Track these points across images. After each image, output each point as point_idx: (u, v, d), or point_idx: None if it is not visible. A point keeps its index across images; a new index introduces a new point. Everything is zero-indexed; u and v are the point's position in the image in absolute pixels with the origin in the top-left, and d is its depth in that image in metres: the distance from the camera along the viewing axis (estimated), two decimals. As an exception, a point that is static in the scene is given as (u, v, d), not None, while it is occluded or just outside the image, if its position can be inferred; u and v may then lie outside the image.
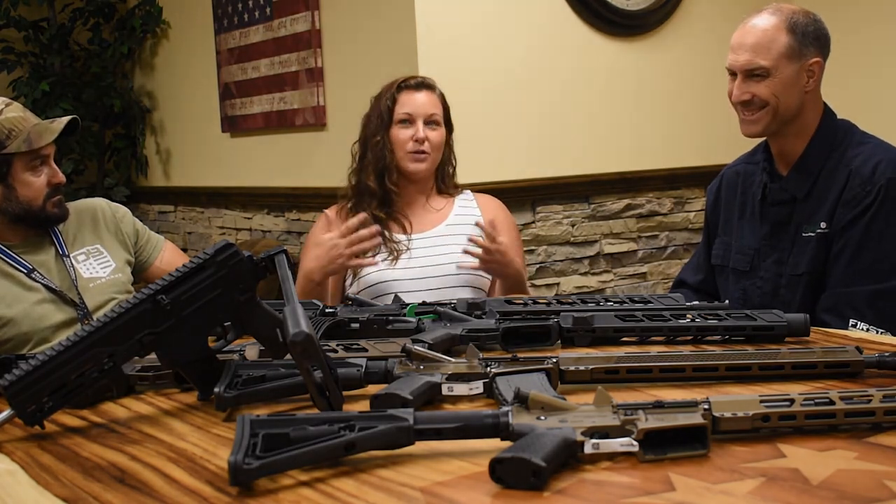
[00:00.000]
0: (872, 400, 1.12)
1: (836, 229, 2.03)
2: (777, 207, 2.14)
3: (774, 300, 2.11)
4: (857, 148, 2.07)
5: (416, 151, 2.40)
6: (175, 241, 4.48)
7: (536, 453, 1.00)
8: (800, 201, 2.09)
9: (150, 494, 1.05)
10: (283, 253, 1.39)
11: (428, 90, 2.44)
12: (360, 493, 1.01)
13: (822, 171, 2.08)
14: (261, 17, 3.92)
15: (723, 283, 2.27)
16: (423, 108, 2.41)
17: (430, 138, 2.40)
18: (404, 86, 2.44)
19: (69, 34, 4.76)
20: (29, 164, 2.15)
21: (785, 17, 2.06)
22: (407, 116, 2.41)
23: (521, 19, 3.41)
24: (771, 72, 2.05)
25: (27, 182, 2.15)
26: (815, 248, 2.05)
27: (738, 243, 2.22)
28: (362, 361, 1.40)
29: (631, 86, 3.65)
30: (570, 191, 3.55)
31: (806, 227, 2.07)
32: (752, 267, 2.18)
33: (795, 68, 2.05)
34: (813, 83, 2.07)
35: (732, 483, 0.98)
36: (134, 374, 1.51)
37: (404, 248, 2.39)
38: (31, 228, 2.22)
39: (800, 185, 2.09)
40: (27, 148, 2.12)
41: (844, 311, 1.98)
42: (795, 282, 2.08)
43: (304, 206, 3.80)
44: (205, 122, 4.41)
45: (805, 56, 2.05)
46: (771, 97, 2.05)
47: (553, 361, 1.35)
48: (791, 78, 2.05)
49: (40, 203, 2.17)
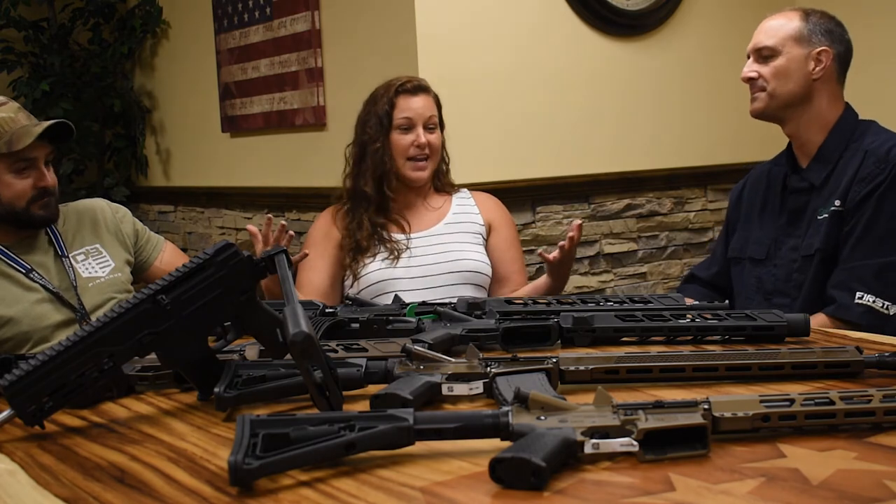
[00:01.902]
0: (872, 400, 1.12)
1: (850, 207, 2.07)
2: (795, 195, 2.20)
3: (787, 285, 2.15)
4: (874, 136, 2.14)
5: (417, 158, 2.39)
6: (175, 241, 4.48)
7: (536, 453, 1.00)
8: (816, 189, 2.15)
9: (150, 494, 1.05)
10: (283, 253, 1.39)
11: (425, 93, 2.43)
12: (360, 493, 1.01)
13: (839, 161, 2.14)
14: (261, 17, 3.92)
15: (737, 274, 2.30)
16: (422, 113, 2.40)
17: (430, 142, 2.40)
18: (401, 90, 2.42)
19: (69, 34, 4.76)
20: (12, 166, 2.14)
21: (803, 10, 2.18)
22: (407, 122, 2.39)
23: (522, 19, 3.41)
24: (777, 52, 2.15)
25: (8, 184, 2.15)
26: (828, 225, 2.09)
27: (756, 234, 2.27)
28: (362, 361, 1.40)
29: (631, 86, 3.65)
30: (570, 191, 3.55)
31: (821, 210, 2.12)
32: (767, 255, 2.23)
33: (802, 53, 2.14)
34: (819, 71, 2.14)
35: (732, 483, 0.98)
36: (134, 374, 1.51)
37: (404, 247, 2.39)
38: (21, 229, 2.21)
39: (817, 174, 2.16)
40: (6, 150, 2.11)
41: (852, 284, 2.03)
42: (807, 262, 2.12)
43: (304, 206, 3.80)
44: (205, 122, 4.41)
45: (813, 43, 2.14)
46: (770, 76, 2.15)
47: (553, 361, 1.35)
48: (796, 61, 2.14)
49: (23, 205, 2.16)
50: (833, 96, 2.18)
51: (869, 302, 1.97)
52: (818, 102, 2.16)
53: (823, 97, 2.16)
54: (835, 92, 2.18)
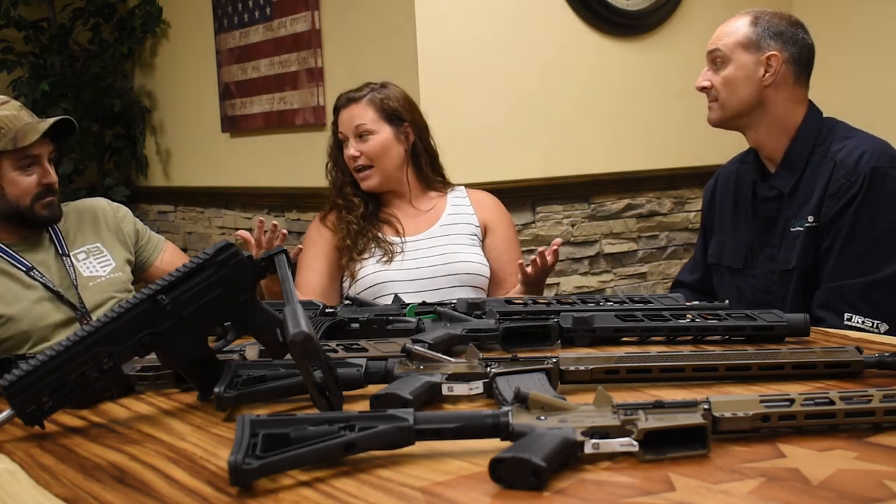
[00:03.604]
0: (872, 400, 1.12)
1: (825, 223, 2.03)
2: (765, 204, 2.15)
3: (768, 297, 2.11)
4: (840, 142, 2.09)
5: (357, 169, 2.40)
6: (175, 241, 4.47)
7: (536, 453, 1.00)
8: (786, 197, 2.11)
9: (150, 494, 1.05)
10: (283, 253, 1.39)
11: (354, 103, 2.41)
12: (360, 493, 1.01)
13: (806, 167, 2.09)
14: (261, 17, 3.92)
15: (718, 282, 2.28)
16: (349, 124, 2.40)
17: (363, 151, 2.38)
18: (337, 105, 2.45)
19: (69, 34, 4.76)
20: (17, 164, 2.15)
21: (754, 14, 2.13)
22: (343, 136, 2.42)
23: (522, 20, 3.41)
24: (727, 59, 2.11)
25: (14, 181, 2.16)
26: (803, 242, 2.05)
27: (731, 241, 2.24)
28: (362, 361, 1.40)
29: (631, 86, 3.65)
30: (570, 191, 3.55)
31: (793, 222, 2.08)
32: (745, 264, 2.19)
33: (750, 59, 2.09)
34: (770, 77, 2.08)
35: (732, 483, 0.98)
36: (134, 374, 1.51)
37: (399, 249, 2.38)
38: (24, 228, 2.22)
39: (786, 181, 2.11)
40: (12, 147, 2.13)
41: (839, 306, 1.99)
42: (787, 277, 2.09)
43: (304, 206, 3.80)
44: (205, 122, 4.41)
45: (762, 49, 2.08)
46: (721, 86, 2.12)
47: (553, 361, 1.35)
48: (744, 68, 2.09)
49: (28, 203, 2.17)
50: (792, 100, 2.11)
51: (858, 323, 1.94)
52: (774, 108, 2.10)
53: (779, 102, 2.10)
54: (793, 95, 2.11)
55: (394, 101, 2.41)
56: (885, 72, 3.66)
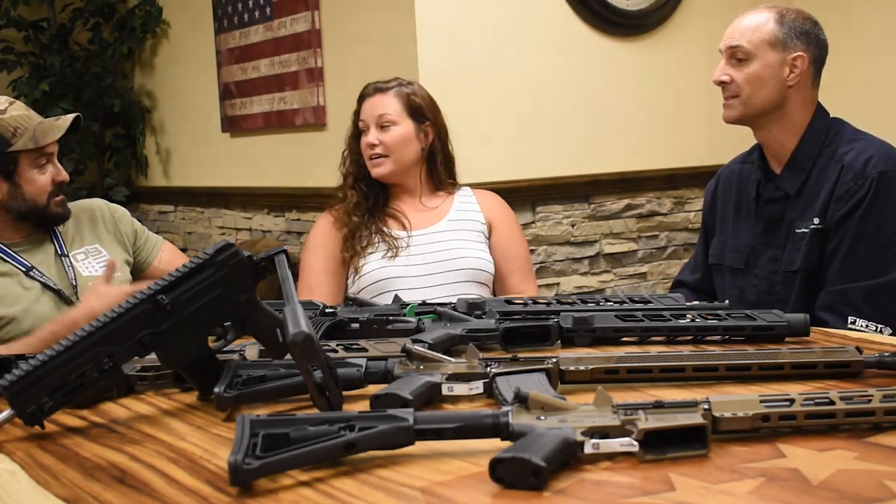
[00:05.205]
0: (872, 400, 1.12)
1: (831, 225, 2.02)
2: (770, 205, 2.14)
3: (770, 297, 2.11)
4: (848, 144, 2.08)
5: (372, 157, 2.41)
6: (175, 241, 4.48)
7: (536, 453, 1.00)
8: (792, 198, 2.10)
9: (150, 494, 1.05)
10: (283, 253, 1.39)
11: (381, 92, 2.44)
12: (360, 493, 1.01)
13: (813, 168, 2.08)
14: (261, 17, 3.92)
15: (719, 282, 2.27)
16: (372, 112, 2.42)
17: (382, 140, 2.40)
18: (363, 94, 2.47)
19: (69, 34, 4.76)
20: (35, 162, 2.17)
21: (778, 11, 2.10)
22: (363, 124, 2.44)
23: (521, 19, 3.41)
24: (752, 56, 2.07)
25: (32, 179, 2.17)
26: (808, 244, 2.05)
27: (733, 241, 2.23)
28: (362, 361, 1.40)
29: (631, 86, 3.65)
30: (570, 191, 3.55)
31: (799, 223, 2.08)
32: (747, 265, 2.18)
33: (777, 58, 2.06)
34: (795, 78, 2.07)
35: (732, 483, 0.98)
36: (134, 374, 1.51)
37: (404, 244, 2.39)
38: (34, 227, 2.22)
39: (792, 183, 2.10)
40: (34, 145, 2.14)
41: (843, 308, 1.98)
42: (790, 279, 2.08)
43: (304, 206, 3.80)
44: (205, 122, 4.41)
45: (789, 49, 2.06)
46: (744, 83, 2.08)
47: (553, 361, 1.35)
48: (771, 67, 2.06)
49: (44, 201, 2.19)
50: (806, 101, 2.11)
51: (862, 327, 1.94)
52: (792, 108, 2.09)
53: (798, 103, 2.09)
54: (808, 96, 2.11)
55: (419, 98, 2.45)
56: (882, 75, 3.67)
